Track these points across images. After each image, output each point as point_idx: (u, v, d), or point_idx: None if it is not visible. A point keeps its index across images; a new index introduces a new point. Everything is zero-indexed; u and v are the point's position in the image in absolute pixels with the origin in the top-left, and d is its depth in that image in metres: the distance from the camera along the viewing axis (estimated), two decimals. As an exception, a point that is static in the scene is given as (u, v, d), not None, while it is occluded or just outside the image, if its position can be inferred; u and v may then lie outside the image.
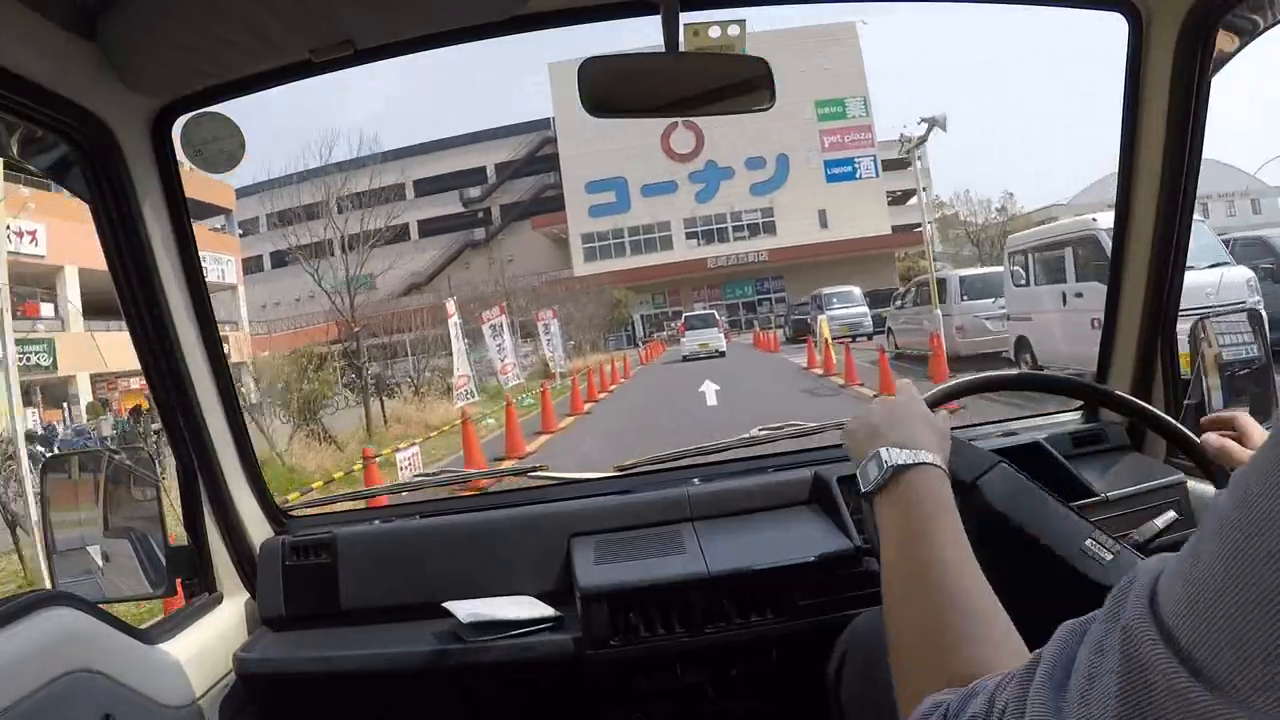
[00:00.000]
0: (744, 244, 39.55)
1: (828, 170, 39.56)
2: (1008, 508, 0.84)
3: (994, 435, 1.44)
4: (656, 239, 40.50)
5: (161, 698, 1.07)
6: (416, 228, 41.65)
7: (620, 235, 40.33)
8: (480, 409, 12.40)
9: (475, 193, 43.57)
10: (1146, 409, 1.03)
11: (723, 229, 40.18)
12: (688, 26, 1.14)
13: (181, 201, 1.23)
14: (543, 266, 37.56)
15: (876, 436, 0.73)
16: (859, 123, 39.70)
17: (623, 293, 34.58)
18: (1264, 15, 1.08)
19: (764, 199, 39.87)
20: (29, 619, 0.92)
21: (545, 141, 42.11)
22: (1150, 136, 1.22)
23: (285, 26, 1.01)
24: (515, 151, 43.36)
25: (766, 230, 39.83)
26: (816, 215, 39.04)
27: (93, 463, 1.32)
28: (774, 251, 38.16)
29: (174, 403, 1.25)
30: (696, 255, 39.45)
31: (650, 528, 1.34)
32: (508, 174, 43.38)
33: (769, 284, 39.50)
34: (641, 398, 13.69)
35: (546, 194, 42.07)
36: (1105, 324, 1.41)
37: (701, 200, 39.98)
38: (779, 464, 1.47)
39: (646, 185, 39.79)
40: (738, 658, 1.20)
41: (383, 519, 1.47)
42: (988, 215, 34.50)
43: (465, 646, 1.20)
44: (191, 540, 1.31)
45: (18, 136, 1.07)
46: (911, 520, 0.65)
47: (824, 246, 37.12)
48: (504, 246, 41.67)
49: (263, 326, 21.68)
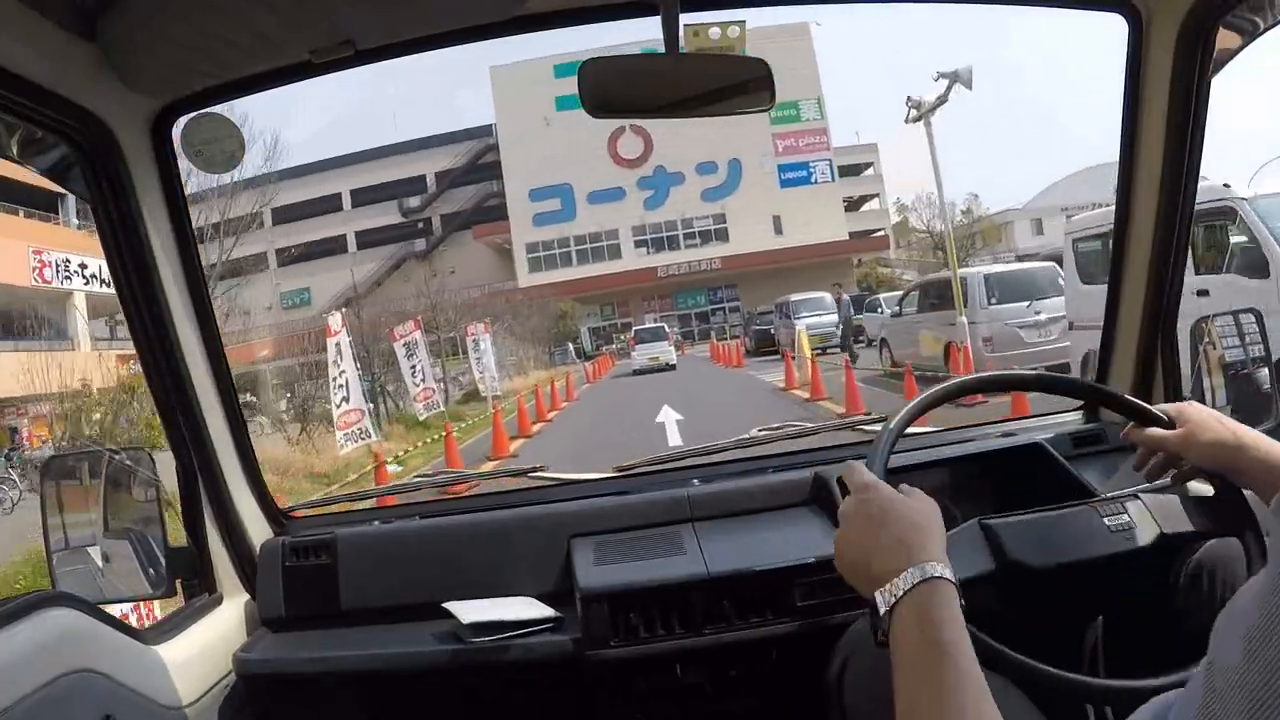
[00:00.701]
0: (696, 252, 38.08)
1: (781, 175, 38.34)
2: (1023, 553, 0.85)
3: (994, 435, 1.44)
4: (604, 248, 38.86)
5: (161, 698, 1.07)
6: (354, 239, 40.37)
7: (566, 244, 38.75)
8: (399, 443, 10.85)
9: (415, 202, 41.62)
10: (1147, 409, 1.03)
11: (673, 236, 38.73)
12: (688, 27, 1.14)
13: (182, 201, 1.23)
14: (487, 278, 35.86)
15: (867, 569, 0.69)
16: (813, 125, 38.57)
17: (569, 304, 33.12)
18: (1264, 15, 1.08)
19: (716, 205, 38.52)
20: (29, 619, 0.92)
21: (487, 149, 40.59)
22: (1150, 137, 1.22)
23: (285, 26, 1.01)
24: (456, 159, 41.50)
25: (719, 237, 38.35)
26: (771, 221, 37.83)
27: (93, 463, 1.32)
28: (727, 259, 36.74)
29: (174, 403, 1.25)
30: (646, 264, 38.02)
31: (650, 528, 1.34)
32: (448, 182, 41.57)
33: (722, 293, 38.27)
34: (584, 434, 10.65)
35: (489, 203, 40.59)
36: (1105, 324, 1.41)
37: (650, 207, 38.62)
38: (779, 464, 1.47)
39: (593, 192, 38.11)
40: (738, 658, 1.20)
41: (383, 520, 1.47)
42: (952, 218, 34.32)
43: (465, 647, 1.20)
44: (191, 541, 1.30)
45: (18, 136, 1.07)
46: (916, 660, 0.62)
47: (779, 253, 35.95)
48: (446, 258, 39.86)
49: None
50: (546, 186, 37.94)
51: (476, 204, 40.93)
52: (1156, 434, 0.94)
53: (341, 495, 1.65)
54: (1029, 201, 37.16)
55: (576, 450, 9.03)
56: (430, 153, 41.28)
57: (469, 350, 16.20)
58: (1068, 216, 10.38)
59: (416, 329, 12.62)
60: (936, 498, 0.74)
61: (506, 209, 38.84)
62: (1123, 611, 0.95)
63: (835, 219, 38.36)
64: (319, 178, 37.53)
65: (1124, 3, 1.18)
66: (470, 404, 16.50)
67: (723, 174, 38.55)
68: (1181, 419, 0.93)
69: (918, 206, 36.02)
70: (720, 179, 38.30)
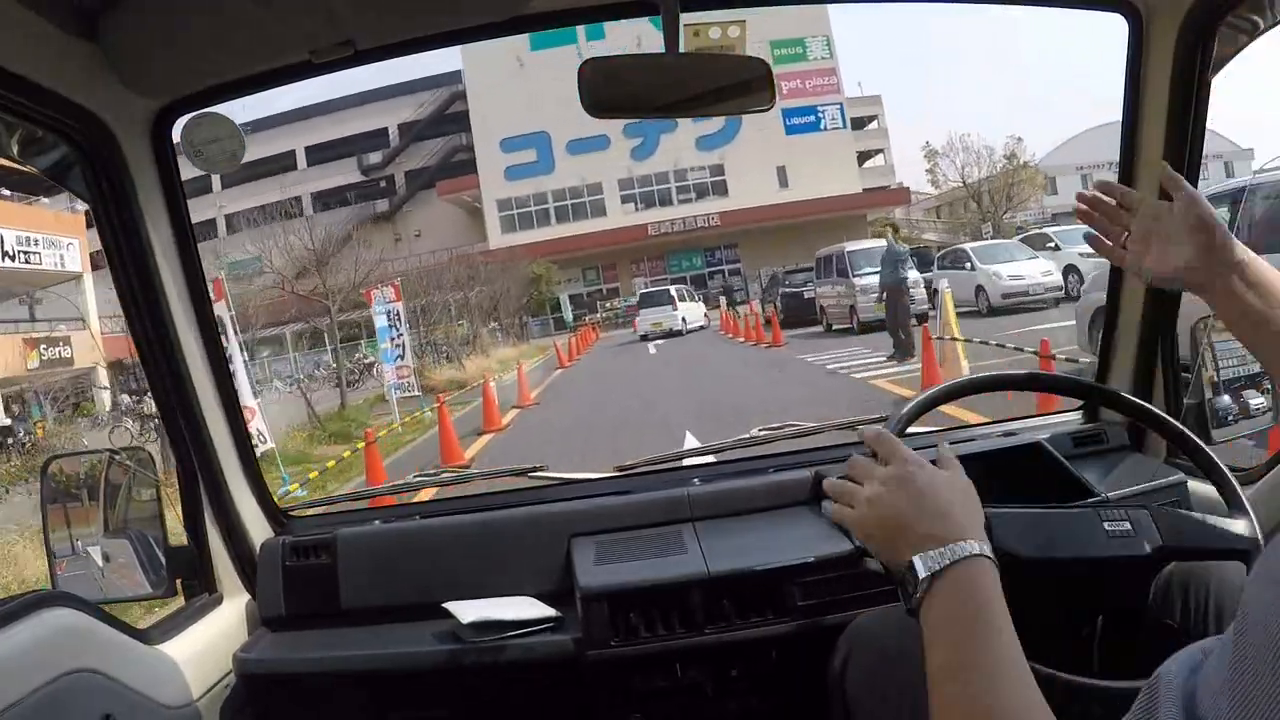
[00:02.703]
0: (690, 207, 32.99)
1: (787, 121, 32.49)
2: (1012, 543, 0.85)
3: (994, 435, 1.44)
4: (586, 204, 33.68)
5: (161, 698, 1.07)
6: (311, 201, 33.57)
7: (544, 200, 33.65)
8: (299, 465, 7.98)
9: (376, 158, 36.83)
10: (1147, 409, 1.03)
11: (665, 190, 33.64)
12: (687, 27, 1.14)
13: (182, 201, 1.23)
14: (457, 240, 31.20)
15: (904, 533, 0.66)
16: (822, 65, 33.20)
17: (544, 266, 27.82)
18: (1264, 15, 1.08)
19: (713, 154, 33.38)
20: (29, 619, 0.92)
21: (455, 97, 35.47)
22: (1150, 136, 1.22)
23: (285, 26, 1.02)
24: (421, 110, 36.62)
25: (716, 191, 33.33)
26: (775, 173, 32.84)
27: (93, 463, 1.32)
28: (726, 215, 31.73)
29: (174, 403, 1.25)
30: (635, 221, 32.61)
31: (651, 528, 1.34)
32: (412, 135, 36.57)
33: (721, 254, 33.38)
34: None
35: (458, 157, 35.58)
36: (1105, 324, 1.41)
37: (639, 157, 33.49)
38: (779, 464, 1.47)
39: (573, 141, 32.38)
40: (738, 658, 1.20)
41: (383, 519, 1.47)
42: (991, 166, 29.40)
43: (465, 646, 1.20)
44: (191, 540, 1.31)
45: (18, 136, 1.07)
46: (957, 632, 0.60)
47: (785, 208, 31.05)
48: (411, 220, 35.85)
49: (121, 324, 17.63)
50: (520, 135, 33.07)
51: (443, 159, 36.33)
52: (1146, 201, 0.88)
53: (342, 495, 1.65)
54: (1044, 157, 32.34)
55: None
56: (392, 103, 36.71)
57: (377, 325, 11.32)
58: (1083, 176, 10.09)
59: (398, 299, 11.21)
60: None
61: (476, 163, 34.22)
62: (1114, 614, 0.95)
63: (847, 170, 33.49)
64: (270, 134, 32.64)
65: (1124, 2, 1.18)
66: (357, 421, 10.79)
67: (720, 119, 32.82)
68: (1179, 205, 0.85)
69: (950, 152, 30.58)
70: (718, 125, 32.03)
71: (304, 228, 15.27)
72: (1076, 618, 0.95)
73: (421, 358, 15.41)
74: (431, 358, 16.72)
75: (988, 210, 27.57)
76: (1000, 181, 28.39)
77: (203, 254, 1.30)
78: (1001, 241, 15.24)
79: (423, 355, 15.90)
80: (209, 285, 1.31)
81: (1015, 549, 0.84)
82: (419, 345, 15.87)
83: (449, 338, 18.20)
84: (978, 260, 13.88)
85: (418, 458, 7.92)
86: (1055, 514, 0.88)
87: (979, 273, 13.58)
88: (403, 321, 11.45)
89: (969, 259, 14.06)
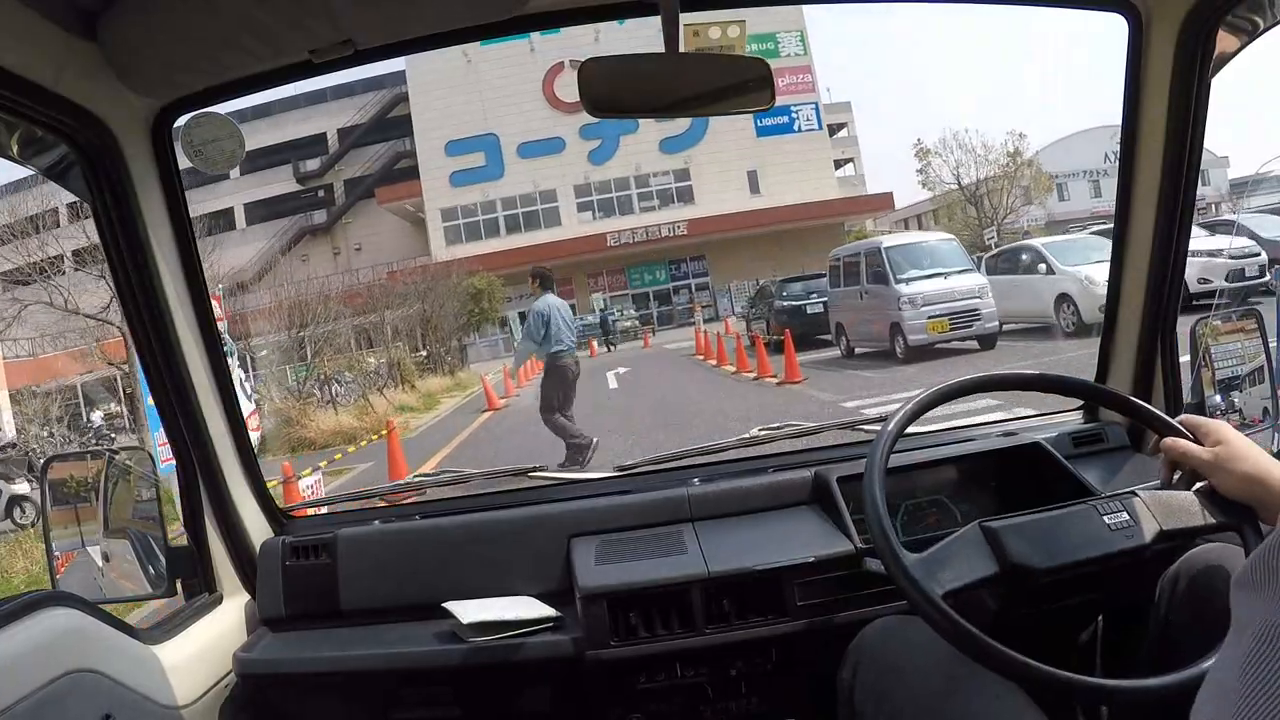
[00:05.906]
0: (653, 215, 30.33)
1: (758, 121, 29.87)
2: (1026, 555, 0.86)
3: (994, 435, 1.44)
4: (539, 212, 31.04)
5: (161, 698, 1.08)
6: (243, 213, 32.63)
7: (492, 209, 31.03)
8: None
9: (313, 165, 34.02)
10: (1146, 409, 1.03)
11: (625, 197, 31.06)
12: (687, 27, 1.14)
13: (182, 201, 1.23)
14: (400, 253, 29.17)
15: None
16: (796, 63, 30.53)
17: (485, 280, 23.34)
18: (1264, 15, 1.08)
19: (677, 158, 30.93)
20: (29, 619, 0.92)
21: (399, 99, 32.90)
22: (1150, 137, 1.22)
23: (285, 26, 1.01)
24: (362, 114, 34.10)
25: (682, 198, 30.99)
26: (745, 177, 30.71)
27: (94, 462, 1.32)
28: (694, 223, 29.39)
29: (174, 403, 1.25)
30: (592, 231, 29.94)
31: (650, 528, 1.34)
32: (351, 141, 34.02)
33: (687, 266, 30.96)
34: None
35: (402, 164, 33.07)
36: (1105, 324, 1.41)
37: (597, 161, 30.94)
38: (779, 464, 1.47)
39: (525, 144, 30.36)
40: (737, 658, 1.20)
41: (383, 519, 1.47)
42: (991, 165, 27.67)
43: (465, 647, 1.20)
44: (191, 541, 1.31)
45: (18, 136, 1.07)
46: None
47: (756, 215, 28.97)
48: (350, 232, 33.41)
49: (25, 346, 14.33)
50: (467, 138, 30.57)
51: (385, 166, 33.86)
52: (1189, 450, 0.92)
53: (342, 495, 1.65)
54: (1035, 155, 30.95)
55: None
56: (332, 105, 34.18)
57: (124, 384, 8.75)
58: (1092, 184, 9.86)
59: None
60: (936, 497, 0.75)
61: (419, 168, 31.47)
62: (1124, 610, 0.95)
63: (823, 174, 31.38)
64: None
65: (1124, 3, 1.18)
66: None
67: (685, 119, 30.35)
68: (1213, 438, 0.91)
69: (943, 150, 28.48)
70: (683, 125, 29.60)
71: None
72: (1084, 616, 0.95)
73: (302, 400, 12.85)
74: (321, 398, 13.59)
75: (987, 215, 26.28)
76: (1002, 182, 27.21)
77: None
78: (1073, 236, 12.10)
79: (303, 398, 13.04)
80: (207, 286, 1.31)
81: (1029, 561, 0.85)
82: (299, 385, 13.42)
83: (355, 370, 14.90)
84: (1056, 261, 10.12)
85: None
86: (1057, 515, 0.89)
87: (1063, 277, 9.82)
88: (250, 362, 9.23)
89: (1043, 259, 10.35)
